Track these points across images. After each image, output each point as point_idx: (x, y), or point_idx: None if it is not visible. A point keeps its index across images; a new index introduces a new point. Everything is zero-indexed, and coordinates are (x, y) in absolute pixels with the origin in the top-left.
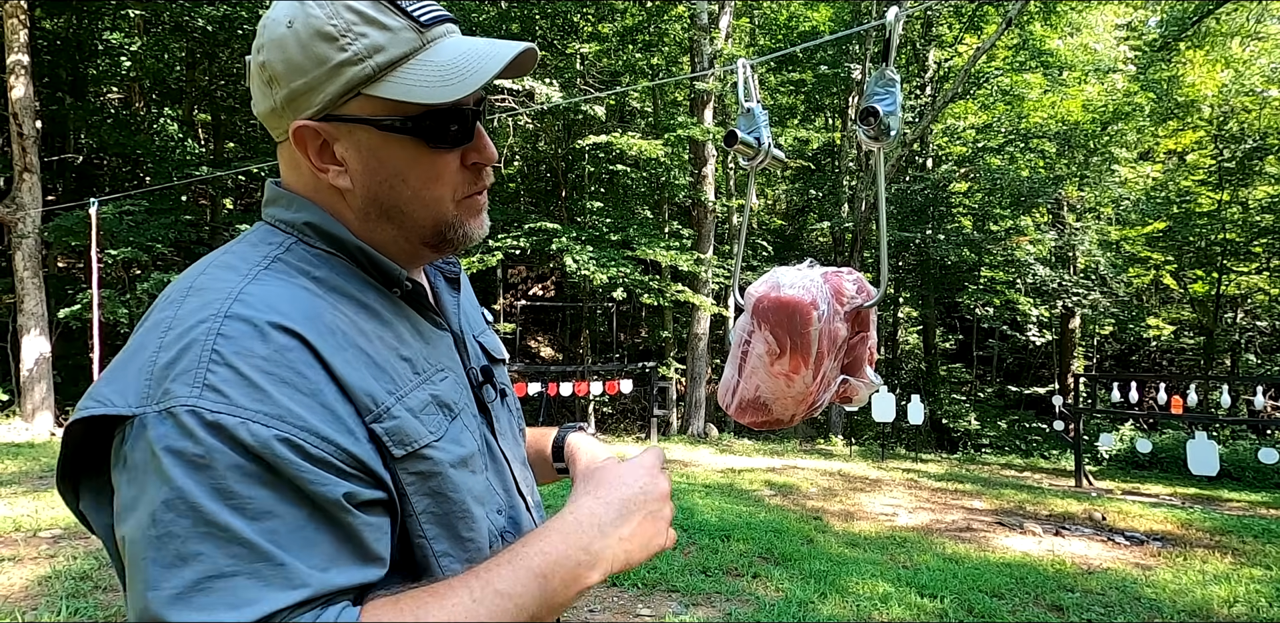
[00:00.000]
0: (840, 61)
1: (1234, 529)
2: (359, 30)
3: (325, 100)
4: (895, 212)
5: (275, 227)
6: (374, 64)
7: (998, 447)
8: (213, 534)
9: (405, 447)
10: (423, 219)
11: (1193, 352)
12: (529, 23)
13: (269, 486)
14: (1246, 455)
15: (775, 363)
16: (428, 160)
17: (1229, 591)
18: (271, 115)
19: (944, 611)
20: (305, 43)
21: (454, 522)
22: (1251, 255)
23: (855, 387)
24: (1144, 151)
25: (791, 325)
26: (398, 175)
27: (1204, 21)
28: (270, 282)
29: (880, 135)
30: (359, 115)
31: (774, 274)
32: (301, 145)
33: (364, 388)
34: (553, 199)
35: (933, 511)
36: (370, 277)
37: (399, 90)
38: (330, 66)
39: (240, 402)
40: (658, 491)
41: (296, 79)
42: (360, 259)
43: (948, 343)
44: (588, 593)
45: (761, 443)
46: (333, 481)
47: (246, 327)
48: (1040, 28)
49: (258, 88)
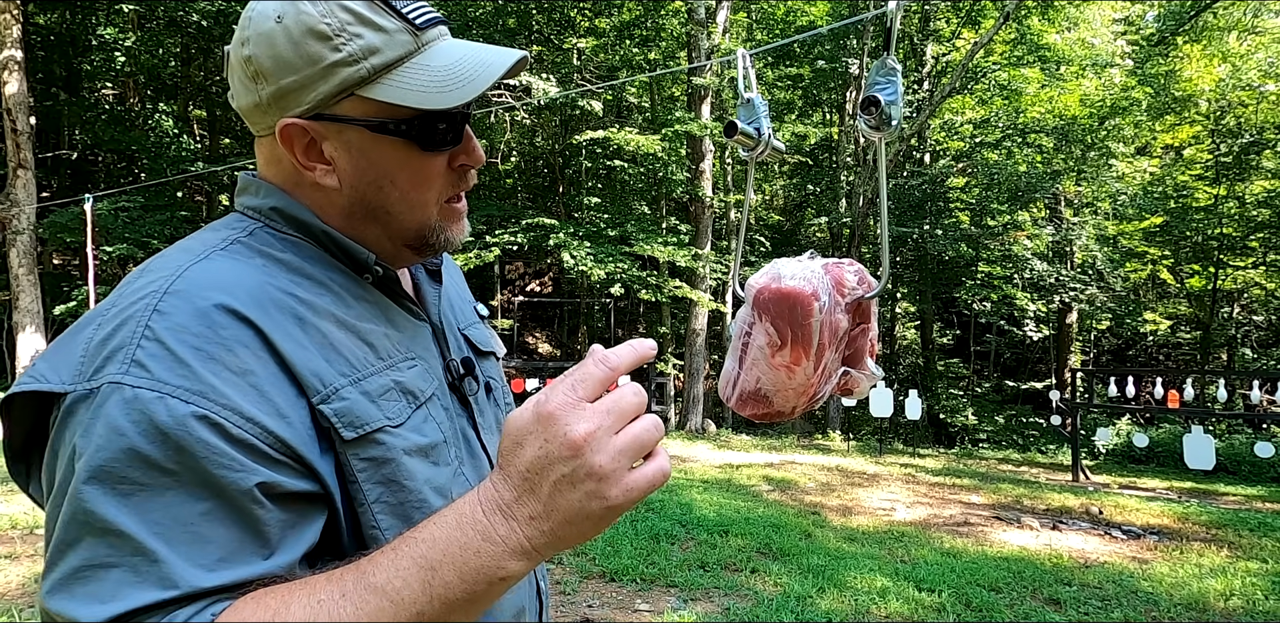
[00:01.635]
0: (838, 56)
1: (1230, 523)
2: (353, 30)
3: (316, 99)
4: (893, 207)
5: (244, 214)
6: (369, 66)
7: (995, 441)
8: (98, 524)
9: (356, 429)
10: (407, 221)
11: (1189, 346)
12: (525, 17)
13: (173, 471)
14: (1242, 450)
15: (776, 355)
16: (417, 162)
17: (1225, 584)
18: (255, 110)
19: (942, 605)
20: (297, 40)
21: (410, 512)
22: (1248, 250)
23: (856, 378)
24: (1141, 146)
25: (793, 317)
26: (386, 176)
27: (1201, 16)
28: (220, 261)
29: (881, 125)
30: (351, 116)
31: (775, 265)
32: (288, 143)
33: (311, 368)
34: (550, 195)
35: (930, 505)
36: (339, 261)
37: (395, 94)
38: (323, 66)
39: (162, 376)
40: (562, 444)
41: (286, 76)
42: (327, 244)
43: (945, 338)
44: (585, 586)
45: (760, 438)
46: (248, 467)
47: (183, 303)
48: (1038, 22)
49: (240, 82)
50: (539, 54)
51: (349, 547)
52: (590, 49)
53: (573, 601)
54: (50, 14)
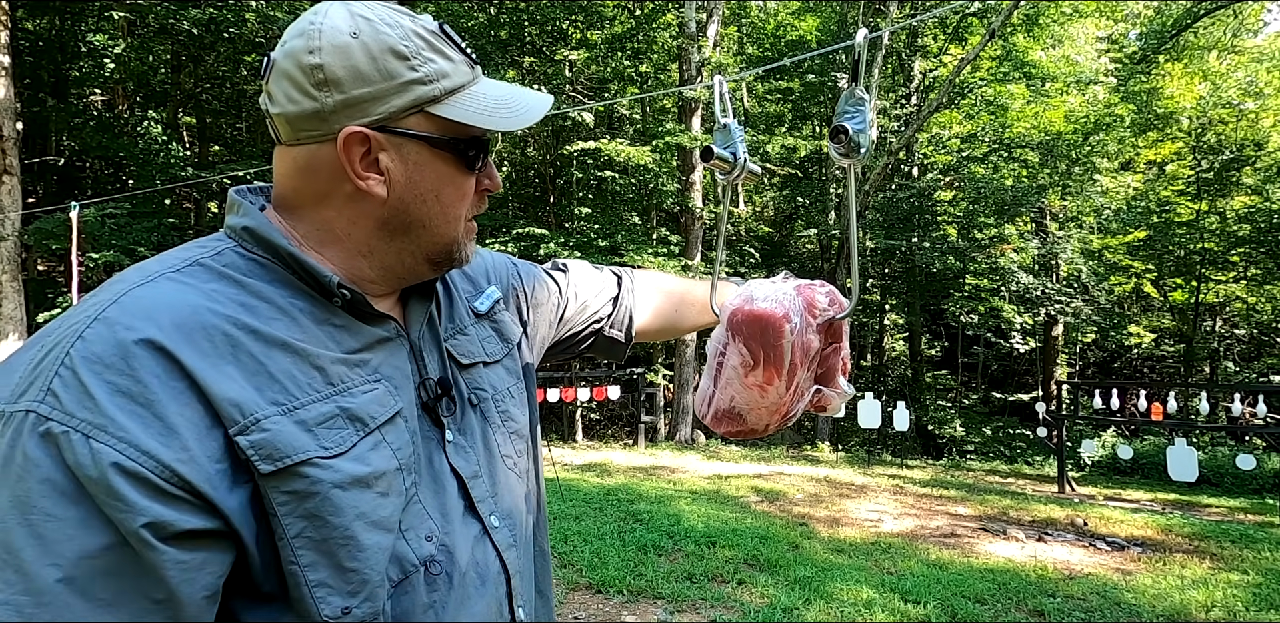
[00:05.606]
0: (827, 70)
1: (1212, 535)
2: (427, 55)
3: (388, 112)
4: (881, 219)
5: (226, 233)
6: (441, 87)
7: (982, 453)
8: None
9: (275, 462)
10: (441, 235)
11: (1173, 359)
12: (518, 29)
13: (75, 506)
14: (1225, 462)
15: (749, 374)
16: (460, 181)
17: (1207, 595)
18: (311, 117)
19: (927, 616)
20: (376, 56)
21: (334, 549)
22: (1230, 264)
23: (829, 396)
24: (1125, 162)
25: (765, 338)
26: (433, 191)
27: (1182, 35)
28: (164, 285)
29: (850, 153)
30: (417, 131)
31: (748, 288)
32: (348, 151)
33: (232, 397)
34: (541, 205)
35: (918, 517)
36: (305, 285)
37: (461, 114)
38: (400, 82)
39: (70, 409)
40: None
41: (360, 87)
42: (293, 266)
43: (933, 350)
44: (571, 598)
45: (749, 449)
46: (137, 507)
47: (105, 331)
48: (1024, 39)
49: (298, 88)
50: (531, 65)
51: (263, 581)
52: (582, 61)
53: (559, 613)
54: (39, 19)
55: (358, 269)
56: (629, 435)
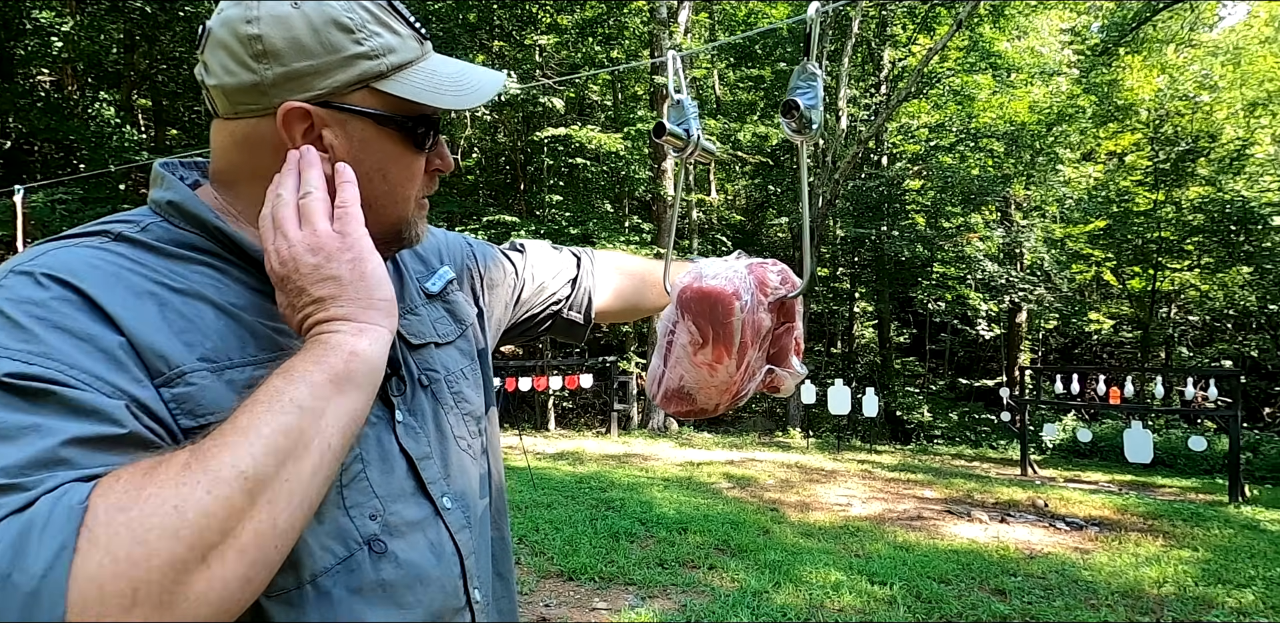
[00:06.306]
0: (798, 59)
1: (1165, 514)
2: (373, 29)
3: (331, 86)
4: (851, 208)
5: (151, 207)
6: (388, 63)
7: (949, 438)
8: None
9: (198, 418)
10: (389, 215)
11: (1131, 345)
12: (486, 13)
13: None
14: (1178, 444)
15: (698, 353)
16: (408, 160)
17: (1159, 572)
18: (250, 90)
19: (893, 597)
20: (318, 28)
21: None
22: (1184, 253)
23: (781, 376)
24: (1086, 152)
25: (713, 316)
26: (380, 170)
27: (1142, 28)
28: (83, 250)
29: (803, 129)
30: (362, 107)
31: (698, 265)
32: (289, 126)
33: (157, 348)
34: (512, 192)
35: (885, 500)
36: (234, 257)
37: (409, 90)
38: (345, 56)
39: (5, 342)
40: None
41: (301, 60)
42: (223, 240)
43: (902, 337)
44: (543, 585)
45: (721, 436)
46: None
47: (25, 278)
48: (990, 30)
49: (235, 59)
50: (500, 49)
51: None
52: (552, 46)
53: (529, 600)
54: None
55: None
56: (602, 424)
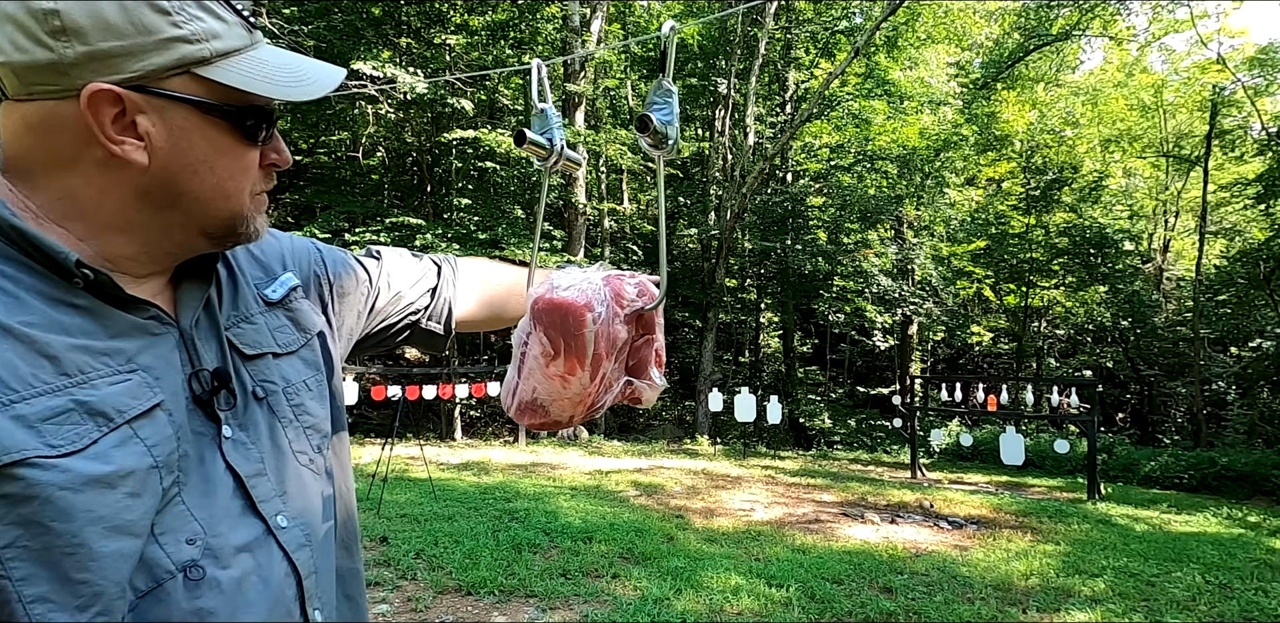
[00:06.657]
0: (708, 75)
1: (1034, 511)
2: (193, 12)
3: (145, 70)
4: (758, 222)
5: None
6: (211, 48)
7: (847, 443)
8: None
9: None
10: (218, 209)
11: (1008, 356)
12: (394, 7)
13: None
14: (1046, 446)
15: (550, 364)
16: (238, 152)
17: (1027, 565)
18: (46, 69)
19: (789, 599)
20: (128, 7)
21: (58, 559)
22: (1052, 272)
23: (640, 388)
24: (969, 177)
25: (565, 327)
26: (205, 161)
27: (1016, 66)
28: None
29: (659, 143)
30: (184, 94)
31: (553, 276)
32: (96, 110)
33: None
34: (418, 194)
35: (786, 505)
36: (36, 263)
37: (237, 78)
38: (160, 38)
39: None
40: None
41: (109, 40)
42: (20, 242)
43: (805, 347)
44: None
45: (631, 445)
46: None
47: None
48: (885, 59)
49: (26, 34)
50: (407, 46)
51: None
52: (461, 47)
53: (425, 618)
54: None
55: (112, 246)
56: (510, 433)
